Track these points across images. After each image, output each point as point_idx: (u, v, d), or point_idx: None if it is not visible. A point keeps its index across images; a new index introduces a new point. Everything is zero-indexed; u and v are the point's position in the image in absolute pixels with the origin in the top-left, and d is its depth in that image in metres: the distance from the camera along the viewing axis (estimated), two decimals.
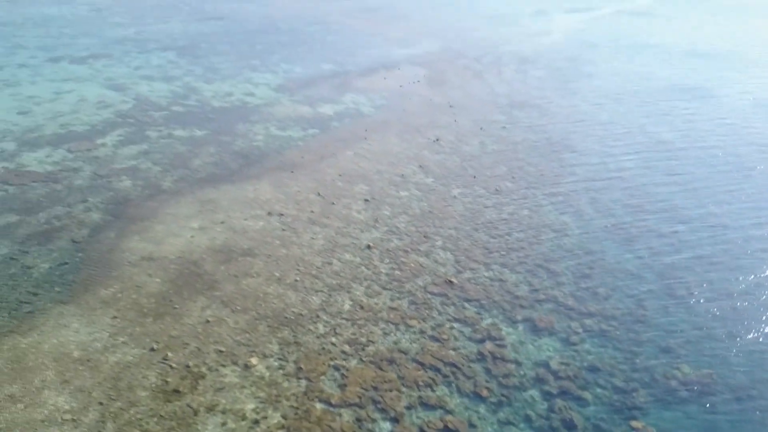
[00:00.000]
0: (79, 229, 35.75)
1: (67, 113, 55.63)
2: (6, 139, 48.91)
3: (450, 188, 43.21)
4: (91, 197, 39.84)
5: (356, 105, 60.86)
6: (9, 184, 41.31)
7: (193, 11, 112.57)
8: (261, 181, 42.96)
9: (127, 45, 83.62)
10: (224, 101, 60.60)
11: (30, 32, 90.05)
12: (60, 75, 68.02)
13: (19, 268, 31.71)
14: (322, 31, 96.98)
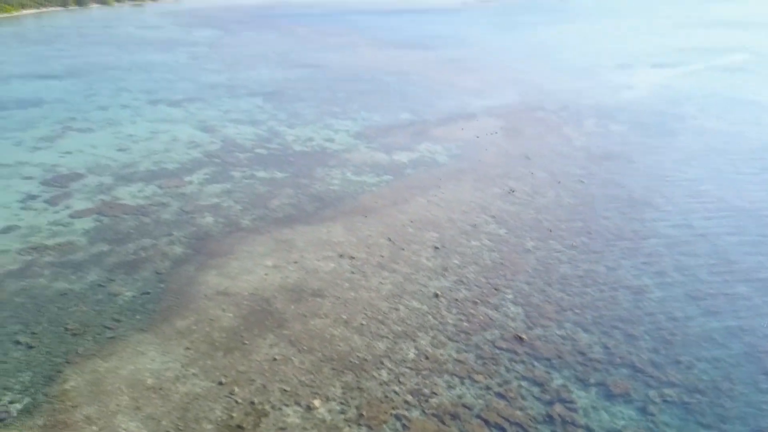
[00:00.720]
0: (163, 261, 37.66)
1: (161, 152, 59.57)
2: (105, 174, 52.87)
3: (523, 240, 42.38)
4: (176, 231, 42.03)
5: (431, 154, 61.52)
6: (104, 215, 44.39)
7: (281, 60, 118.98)
8: (335, 224, 43.87)
9: (219, 90, 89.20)
10: (305, 146, 62.96)
11: (135, 77, 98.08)
12: (157, 116, 73.31)
13: (105, 295, 33.66)
14: (401, 81, 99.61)
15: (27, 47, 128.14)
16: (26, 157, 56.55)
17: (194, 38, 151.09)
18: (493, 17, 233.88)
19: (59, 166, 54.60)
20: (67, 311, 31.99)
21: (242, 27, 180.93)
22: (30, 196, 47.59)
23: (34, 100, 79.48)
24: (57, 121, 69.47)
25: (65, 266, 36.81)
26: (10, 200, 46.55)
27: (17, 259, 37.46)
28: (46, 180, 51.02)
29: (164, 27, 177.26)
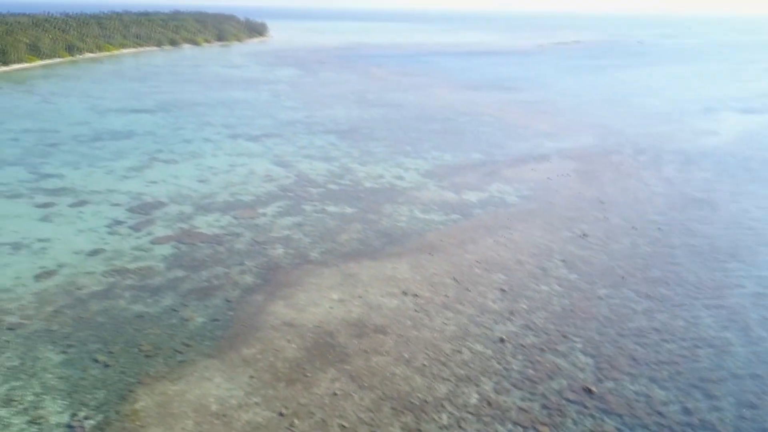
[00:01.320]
0: (233, 290, 38.88)
1: (238, 184, 62.18)
2: (185, 203, 55.65)
3: (595, 287, 40.78)
4: (247, 261, 43.41)
5: (501, 194, 60.88)
6: (182, 242, 46.55)
7: (357, 99, 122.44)
8: (400, 261, 43.94)
9: (296, 127, 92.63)
10: (375, 182, 63.94)
11: (218, 112, 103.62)
12: (236, 150, 76.83)
13: (178, 320, 35.02)
14: (474, 122, 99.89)
15: (124, 83, 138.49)
16: (116, 185, 60.48)
17: (276, 77, 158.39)
18: (568, 60, 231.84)
19: (144, 194, 57.99)
20: (142, 333, 33.46)
21: (322, 67, 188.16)
22: (117, 221, 50.67)
23: (126, 133, 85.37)
24: (145, 153, 74.14)
25: (143, 290, 38.68)
26: (99, 225, 49.74)
27: (101, 281, 39.74)
28: (132, 207, 54.25)
29: (248, 66, 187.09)
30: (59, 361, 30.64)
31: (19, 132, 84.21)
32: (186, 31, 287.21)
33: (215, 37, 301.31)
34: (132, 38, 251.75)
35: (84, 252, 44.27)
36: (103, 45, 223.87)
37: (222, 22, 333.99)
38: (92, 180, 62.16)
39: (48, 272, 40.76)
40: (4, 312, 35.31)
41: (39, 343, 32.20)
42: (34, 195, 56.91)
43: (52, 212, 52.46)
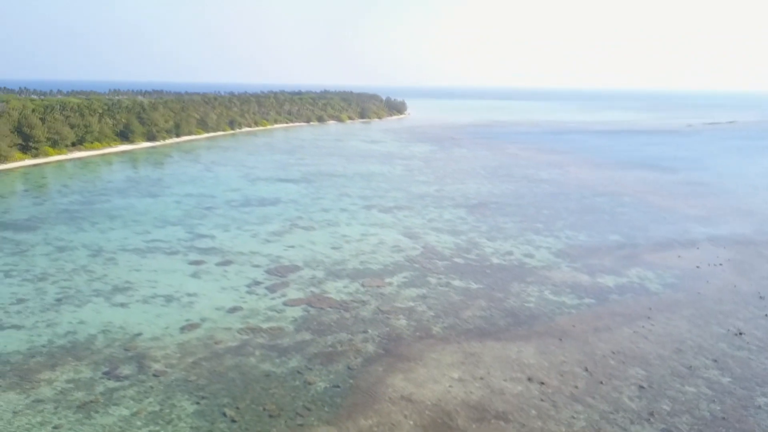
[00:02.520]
0: (356, 357, 39.34)
1: (368, 252, 64.08)
2: (318, 268, 58.24)
3: (753, 394, 35.71)
4: (371, 329, 43.93)
5: (641, 280, 56.57)
6: (312, 306, 48.44)
7: (489, 175, 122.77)
8: (527, 344, 41.93)
9: (427, 200, 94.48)
10: (503, 259, 62.61)
11: (356, 184, 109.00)
12: (369, 220, 79.72)
13: (302, 382, 35.95)
14: (612, 202, 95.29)
15: (274, 155, 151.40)
16: (258, 248, 65.07)
17: (411, 152, 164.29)
18: (721, 141, 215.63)
19: (282, 258, 61.67)
20: (268, 392, 34.71)
21: (456, 143, 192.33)
22: (256, 282, 54.14)
23: (272, 200, 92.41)
24: (287, 219, 79.43)
25: (273, 349, 40.43)
26: (240, 284, 53.44)
27: (236, 337, 42.25)
28: (270, 269, 57.82)
29: (386, 141, 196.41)
30: (192, 411, 32.56)
31: (182, 196, 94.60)
32: (332, 109, 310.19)
33: (358, 114, 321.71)
34: (285, 115, 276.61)
35: (224, 308, 47.59)
36: (260, 120, 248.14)
37: (365, 101, 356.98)
38: (238, 242, 67.50)
39: (192, 325, 44.21)
40: (152, 359, 38.61)
41: (177, 392, 34.58)
42: (189, 253, 62.87)
43: (201, 269, 57.44)
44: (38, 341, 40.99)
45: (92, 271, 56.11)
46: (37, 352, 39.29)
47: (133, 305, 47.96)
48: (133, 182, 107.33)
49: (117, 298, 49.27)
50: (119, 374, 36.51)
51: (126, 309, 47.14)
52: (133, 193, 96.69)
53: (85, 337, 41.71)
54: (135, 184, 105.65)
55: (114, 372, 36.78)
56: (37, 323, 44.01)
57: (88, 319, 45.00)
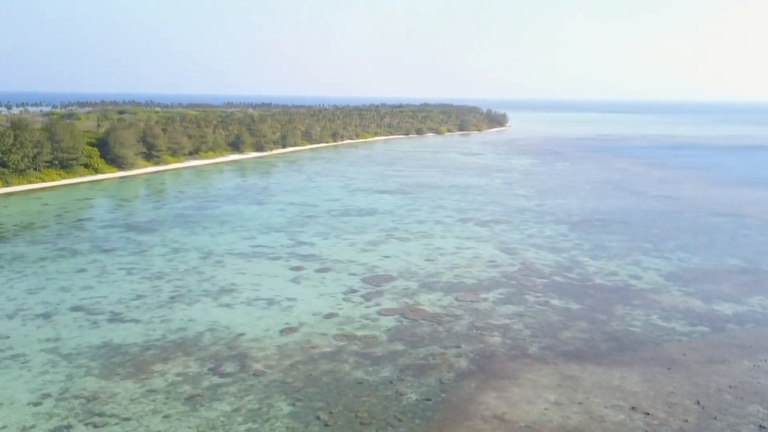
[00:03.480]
0: (448, 372, 38.95)
1: (462, 266, 63.42)
2: (412, 279, 58.44)
3: None
4: (464, 344, 43.34)
5: (765, 310, 51.62)
6: (405, 317, 48.64)
7: (594, 190, 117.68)
8: (631, 371, 39.52)
9: (526, 215, 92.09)
10: (606, 279, 59.59)
11: (452, 197, 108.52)
12: (465, 233, 78.95)
13: (393, 393, 36.11)
14: (732, 223, 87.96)
15: (373, 167, 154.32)
16: (355, 257, 66.43)
17: (510, 165, 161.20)
18: None
19: (378, 267, 62.52)
20: (360, 399, 35.19)
21: (558, 157, 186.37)
22: (351, 290, 55.26)
23: (369, 210, 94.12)
24: (383, 230, 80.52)
25: (366, 357, 40.97)
26: (337, 291, 54.77)
27: (331, 343, 43.27)
28: (366, 278, 58.80)
29: (485, 154, 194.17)
30: (288, 412, 33.68)
31: (286, 204, 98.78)
32: (431, 122, 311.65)
33: (457, 127, 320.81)
34: (385, 127, 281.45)
35: (321, 314, 48.95)
36: (361, 133, 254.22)
37: (465, 114, 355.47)
38: (336, 250, 69.32)
39: (290, 328, 45.86)
40: (253, 359, 40.45)
41: (275, 392, 35.94)
42: (290, 259, 65.41)
43: (301, 275, 59.52)
44: (153, 335, 44.25)
45: (202, 272, 59.85)
46: (151, 345, 42.41)
47: (237, 306, 50.57)
48: (242, 190, 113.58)
49: (223, 299, 52.18)
50: (223, 371, 38.55)
51: (231, 309, 49.78)
52: (241, 200, 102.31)
53: (194, 334, 44.49)
54: (243, 191, 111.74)
55: (218, 369, 38.89)
56: (153, 318, 47.54)
57: (197, 317, 47.98)
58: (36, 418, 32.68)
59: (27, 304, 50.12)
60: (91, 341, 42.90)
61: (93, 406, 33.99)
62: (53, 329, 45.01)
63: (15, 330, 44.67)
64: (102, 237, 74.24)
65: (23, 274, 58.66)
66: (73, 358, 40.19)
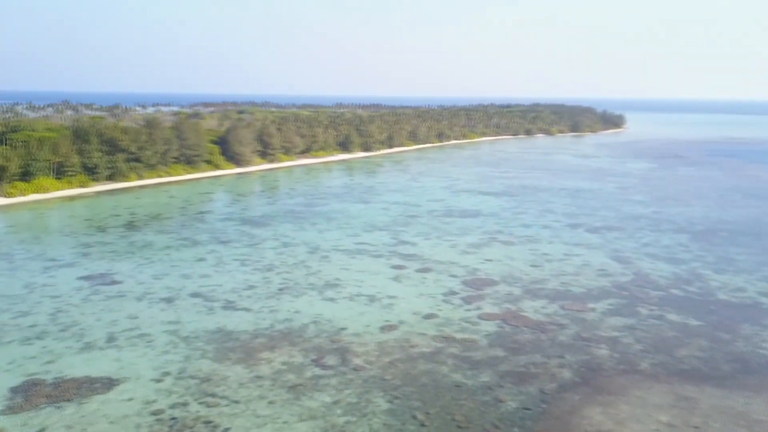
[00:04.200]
0: (550, 382, 37.60)
1: (570, 274, 60.89)
2: (515, 285, 57.01)
3: None
4: (568, 355, 41.61)
5: None
6: (506, 323, 47.56)
7: (720, 198, 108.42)
8: (758, 396, 35.98)
9: (642, 222, 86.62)
10: (732, 296, 54.66)
11: (561, 201, 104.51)
12: (574, 240, 75.71)
13: (491, 398, 35.46)
14: None
15: (478, 168, 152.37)
16: (457, 258, 65.95)
17: (626, 169, 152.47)
18: None
19: (479, 270, 61.63)
20: (457, 402, 34.91)
21: (681, 161, 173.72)
22: (452, 291, 54.93)
23: (473, 212, 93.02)
24: (486, 232, 79.25)
25: (465, 361, 40.56)
26: (437, 292, 54.68)
27: (430, 344, 43.27)
28: (466, 280, 58.19)
29: (598, 157, 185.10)
30: (385, 409, 34.14)
31: (390, 203, 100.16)
32: (542, 122, 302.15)
33: (569, 128, 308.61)
34: (492, 127, 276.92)
35: (421, 314, 49.12)
36: (467, 133, 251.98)
37: (578, 114, 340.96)
38: (438, 251, 69.21)
39: (390, 326, 46.44)
40: (353, 354, 41.44)
41: (373, 388, 36.58)
42: (392, 257, 66.24)
43: (402, 274, 60.08)
44: (262, 324, 46.65)
45: (309, 267, 62.20)
46: (260, 334, 44.73)
47: (340, 301, 52.03)
48: (348, 188, 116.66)
49: (327, 293, 53.89)
50: (324, 363, 39.84)
51: (334, 304, 51.31)
52: (347, 198, 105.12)
53: (299, 326, 46.36)
54: (350, 190, 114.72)
55: (320, 361, 40.24)
56: (263, 308, 50.12)
57: (303, 309, 49.94)
58: (157, 393, 35.62)
59: (153, 289, 54.75)
60: (207, 326, 46.04)
61: (206, 387, 36.47)
62: (175, 313, 48.82)
63: (142, 312, 48.98)
64: (220, 229, 79.39)
65: (151, 260, 64.14)
66: (191, 340, 43.36)
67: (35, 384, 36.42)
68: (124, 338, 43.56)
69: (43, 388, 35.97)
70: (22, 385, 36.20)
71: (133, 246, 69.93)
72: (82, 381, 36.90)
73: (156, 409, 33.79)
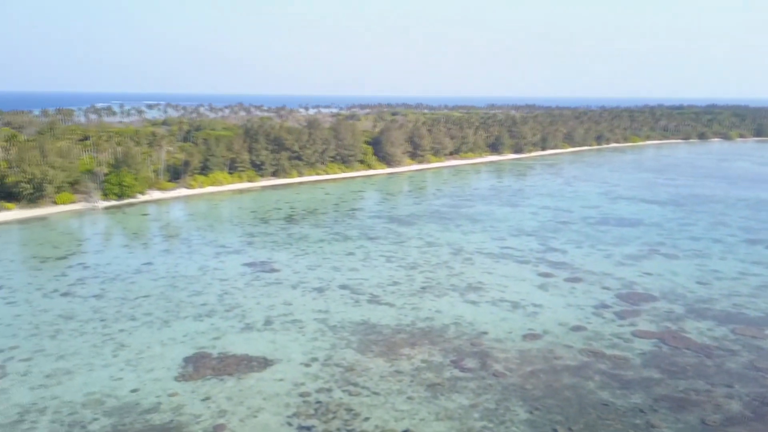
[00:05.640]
0: (714, 413, 33.81)
1: (745, 295, 54.18)
2: (677, 302, 52.00)
3: None
4: (738, 385, 37.08)
5: None
6: (665, 343, 43.58)
7: None
8: None
9: None
10: None
11: (737, 213, 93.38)
12: (751, 257, 67.20)
13: (643, 422, 32.73)
14: None
15: (640, 173, 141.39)
16: (610, 269, 61.82)
17: None
18: None
19: (636, 284, 57.16)
20: (604, 422, 32.76)
21: None
22: (603, 304, 51.61)
23: (632, 221, 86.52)
24: (646, 243, 73.25)
25: (614, 379, 37.92)
26: (587, 304, 51.73)
27: (576, 357, 41.08)
28: (620, 294, 54.30)
29: None
30: (524, 419, 33.07)
31: (539, 208, 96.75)
32: (719, 125, 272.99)
33: (752, 132, 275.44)
34: (659, 131, 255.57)
35: (567, 325, 46.80)
36: (629, 136, 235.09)
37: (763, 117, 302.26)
38: (590, 260, 65.41)
39: (533, 335, 44.86)
40: (493, 359, 40.71)
41: (513, 396, 35.62)
42: (539, 264, 63.90)
43: (549, 282, 57.71)
44: (404, 320, 47.62)
45: (452, 268, 62.23)
46: (401, 330, 45.70)
47: (482, 305, 51.37)
48: (496, 191, 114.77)
49: (469, 296, 53.50)
50: (464, 366, 39.61)
51: (476, 307, 50.79)
52: (494, 201, 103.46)
53: (439, 325, 46.60)
54: (497, 192, 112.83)
55: (459, 363, 40.09)
56: (405, 305, 51.15)
57: (444, 309, 50.10)
58: (305, 377, 37.96)
59: (306, 278, 58.41)
60: (353, 317, 48.08)
61: (349, 375, 38.10)
62: (324, 302, 51.65)
63: (296, 299, 52.49)
64: (369, 226, 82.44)
65: (306, 252, 68.48)
66: (338, 330, 45.58)
67: (203, 356, 40.71)
68: (279, 322, 47.03)
69: (210, 360, 40.08)
70: (193, 357, 40.66)
71: (291, 237, 75.21)
72: (241, 358, 40.51)
73: (303, 392, 36.03)
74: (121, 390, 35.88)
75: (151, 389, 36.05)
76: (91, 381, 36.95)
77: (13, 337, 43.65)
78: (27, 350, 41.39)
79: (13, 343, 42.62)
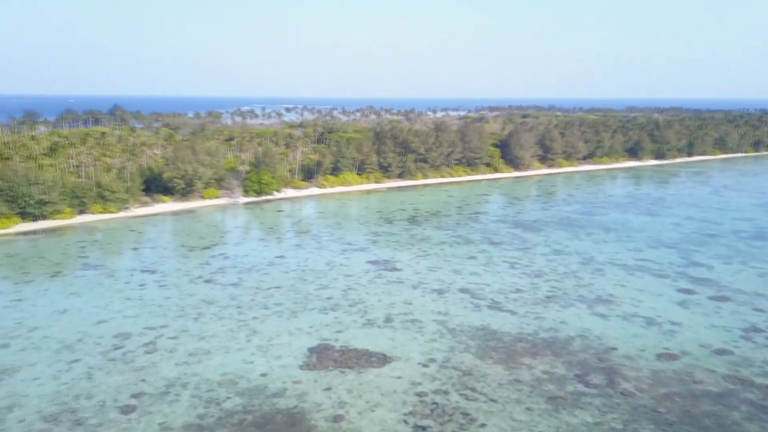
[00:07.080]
0: None
1: None
2: None
3: None
4: None
5: None
6: None
7: None
8: None
9: None
10: None
11: None
12: None
13: None
14: None
15: None
16: (765, 290, 55.35)
17: None
18: None
19: None
20: None
21: None
22: (754, 328, 46.37)
23: None
24: None
25: (764, 411, 33.92)
26: (734, 326, 46.75)
27: (719, 383, 37.29)
28: None
29: None
30: None
31: (682, 218, 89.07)
32: None
33: None
34: None
35: (710, 348, 42.63)
36: None
37: None
38: (740, 278, 59.05)
39: (670, 355, 41.39)
40: (622, 377, 38.16)
41: (643, 419, 33.14)
42: (679, 279, 58.82)
43: (690, 299, 52.93)
44: (526, 329, 46.17)
45: (580, 278, 59.22)
46: (523, 338, 44.34)
47: (612, 319, 48.34)
48: (634, 198, 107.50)
49: (598, 308, 50.59)
50: (589, 381, 37.56)
51: (605, 320, 47.91)
52: (631, 209, 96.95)
53: (564, 337, 44.58)
54: (635, 200, 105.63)
55: (584, 377, 38.07)
56: (528, 313, 49.56)
57: (570, 320, 47.84)
58: (423, 377, 38.16)
59: (427, 279, 58.68)
60: (472, 322, 47.49)
61: (467, 380, 37.70)
62: (444, 305, 51.57)
63: (416, 299, 52.93)
64: (492, 230, 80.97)
65: (427, 253, 68.82)
66: (456, 333, 45.28)
67: (327, 348, 42.43)
68: (399, 321, 47.72)
69: (333, 353, 41.69)
70: (317, 347, 42.53)
71: (413, 238, 76.01)
72: (362, 353, 41.67)
73: (420, 391, 36.25)
74: (252, 373, 38.46)
75: (278, 375, 38.26)
76: (226, 362, 40.01)
77: (163, 316, 48.50)
78: (174, 329, 45.77)
79: (163, 322, 47.34)
